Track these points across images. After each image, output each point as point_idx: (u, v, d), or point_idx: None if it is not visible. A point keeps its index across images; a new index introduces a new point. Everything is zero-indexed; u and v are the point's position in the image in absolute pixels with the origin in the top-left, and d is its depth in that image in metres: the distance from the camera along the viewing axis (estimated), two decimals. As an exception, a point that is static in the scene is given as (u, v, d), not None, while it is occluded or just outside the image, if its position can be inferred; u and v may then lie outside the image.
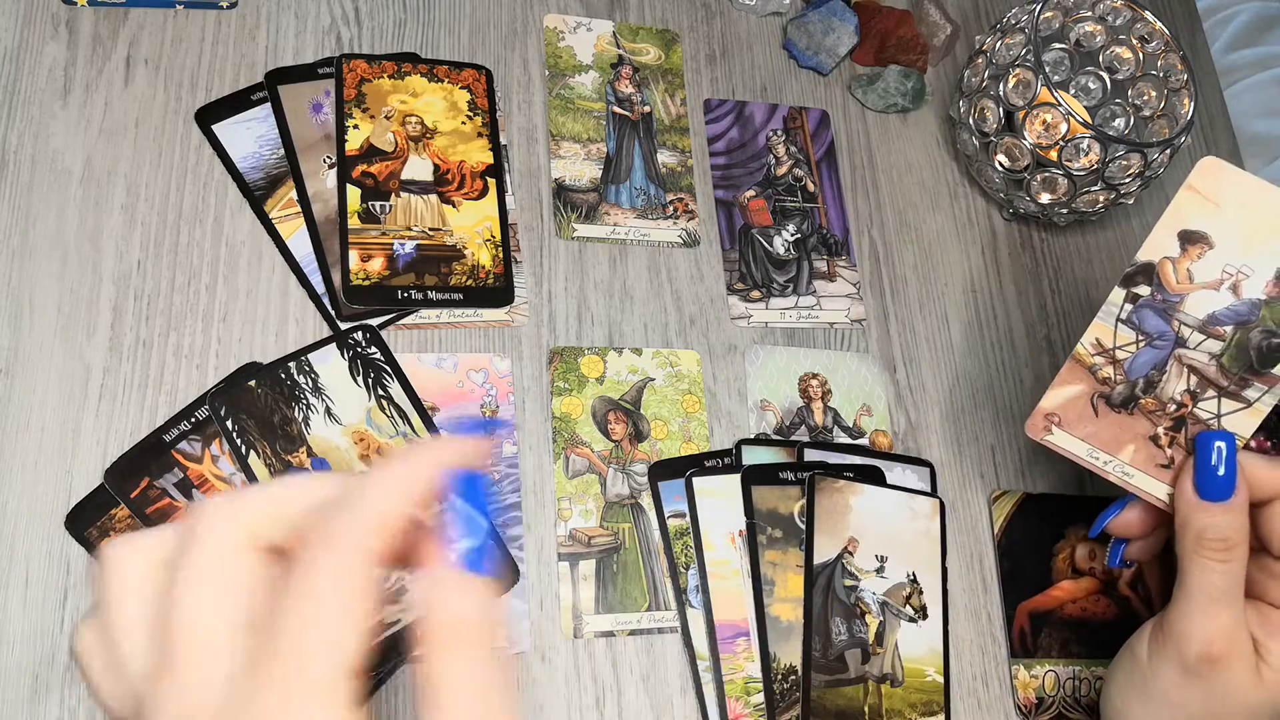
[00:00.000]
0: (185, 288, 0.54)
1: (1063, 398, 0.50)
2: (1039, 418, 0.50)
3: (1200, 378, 0.48)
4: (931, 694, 0.54)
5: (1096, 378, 0.49)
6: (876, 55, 0.70)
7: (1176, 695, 0.46)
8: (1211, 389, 0.48)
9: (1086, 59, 0.67)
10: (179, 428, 0.50)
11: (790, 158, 0.66)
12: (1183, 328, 0.48)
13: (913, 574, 0.56)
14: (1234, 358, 0.48)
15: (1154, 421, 0.49)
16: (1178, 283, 0.48)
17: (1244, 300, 0.47)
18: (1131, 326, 0.49)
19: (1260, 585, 0.47)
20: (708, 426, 0.58)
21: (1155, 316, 0.48)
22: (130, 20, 0.58)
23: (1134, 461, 0.49)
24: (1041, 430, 0.50)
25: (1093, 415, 0.49)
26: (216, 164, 0.56)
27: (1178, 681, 0.46)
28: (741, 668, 0.52)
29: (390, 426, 0.52)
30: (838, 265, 0.64)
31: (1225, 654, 0.45)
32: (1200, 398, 0.48)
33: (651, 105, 0.65)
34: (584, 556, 0.53)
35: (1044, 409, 0.50)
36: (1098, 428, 0.49)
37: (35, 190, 0.53)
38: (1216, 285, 0.48)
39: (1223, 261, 0.47)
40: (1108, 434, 0.49)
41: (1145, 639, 0.48)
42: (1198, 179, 0.47)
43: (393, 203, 0.56)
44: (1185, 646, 0.45)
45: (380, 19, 0.62)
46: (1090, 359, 0.49)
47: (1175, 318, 0.48)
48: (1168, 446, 0.48)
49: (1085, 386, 0.49)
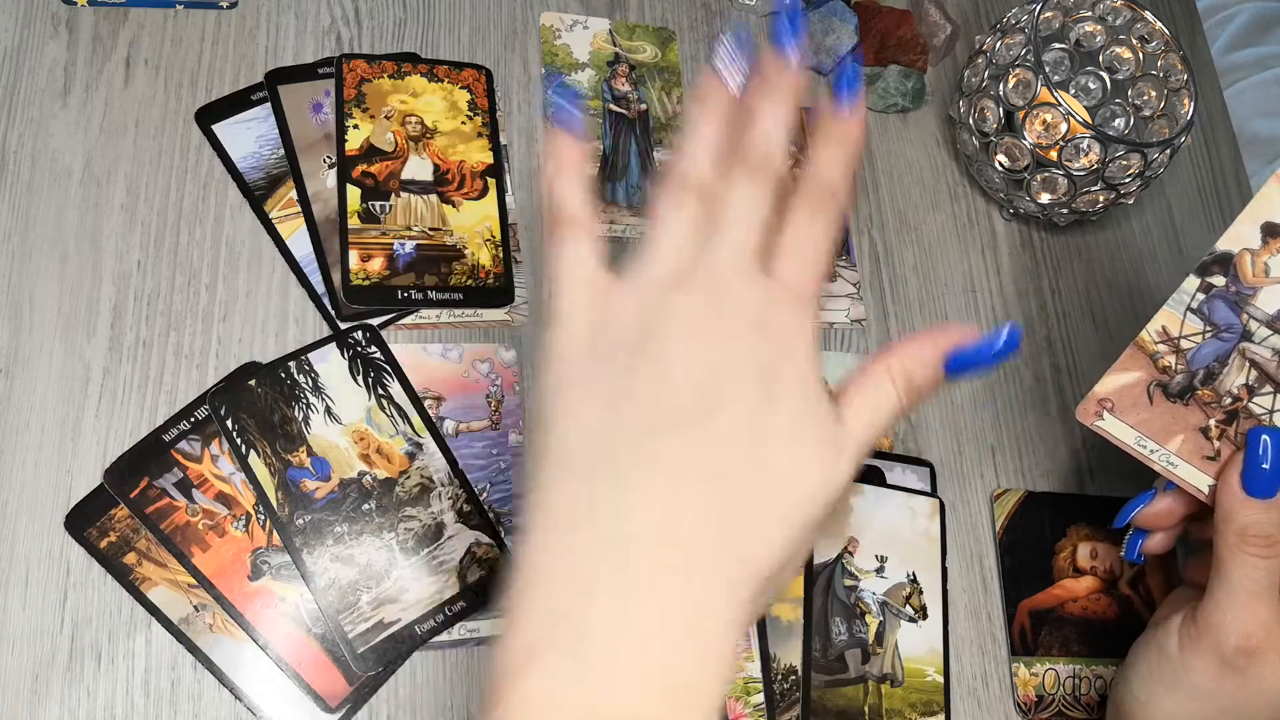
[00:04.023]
0: (185, 288, 0.54)
1: (1119, 383, 0.49)
2: (1092, 403, 0.49)
3: (1261, 373, 0.48)
4: (931, 694, 0.54)
5: (1156, 365, 0.49)
6: (876, 55, 0.70)
7: (1210, 686, 0.47)
8: (1270, 385, 0.48)
9: (1086, 59, 0.67)
10: (179, 427, 0.50)
11: (790, 158, 0.66)
12: (1251, 321, 0.47)
13: (913, 574, 0.56)
14: None
15: (1207, 414, 0.48)
16: (1254, 276, 0.47)
17: None
18: (1201, 316, 0.48)
19: None
20: (708, 426, 0.57)
21: (1226, 308, 0.48)
22: (130, 20, 0.58)
23: (1180, 452, 0.48)
24: (1093, 415, 0.49)
25: (1147, 403, 0.49)
26: (216, 164, 0.56)
27: (1213, 674, 0.46)
28: (741, 668, 0.52)
29: (390, 426, 0.52)
30: (838, 265, 0.64)
31: (1263, 647, 0.45)
32: (1257, 393, 0.48)
33: (648, 103, 0.65)
34: (584, 556, 0.53)
35: (1099, 394, 0.49)
36: (1150, 416, 0.49)
37: (35, 190, 0.53)
38: None
39: None
40: (1159, 423, 0.49)
41: (1174, 632, 0.48)
42: None
43: (393, 203, 0.56)
44: (1223, 639, 0.46)
45: (380, 19, 0.62)
46: (1154, 346, 0.48)
47: (1246, 311, 0.47)
48: (1217, 439, 0.48)
49: (1144, 374, 0.49)
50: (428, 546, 0.51)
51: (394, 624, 0.49)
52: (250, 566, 0.49)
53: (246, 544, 0.49)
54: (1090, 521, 0.61)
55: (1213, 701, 0.47)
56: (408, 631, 0.49)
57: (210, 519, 0.49)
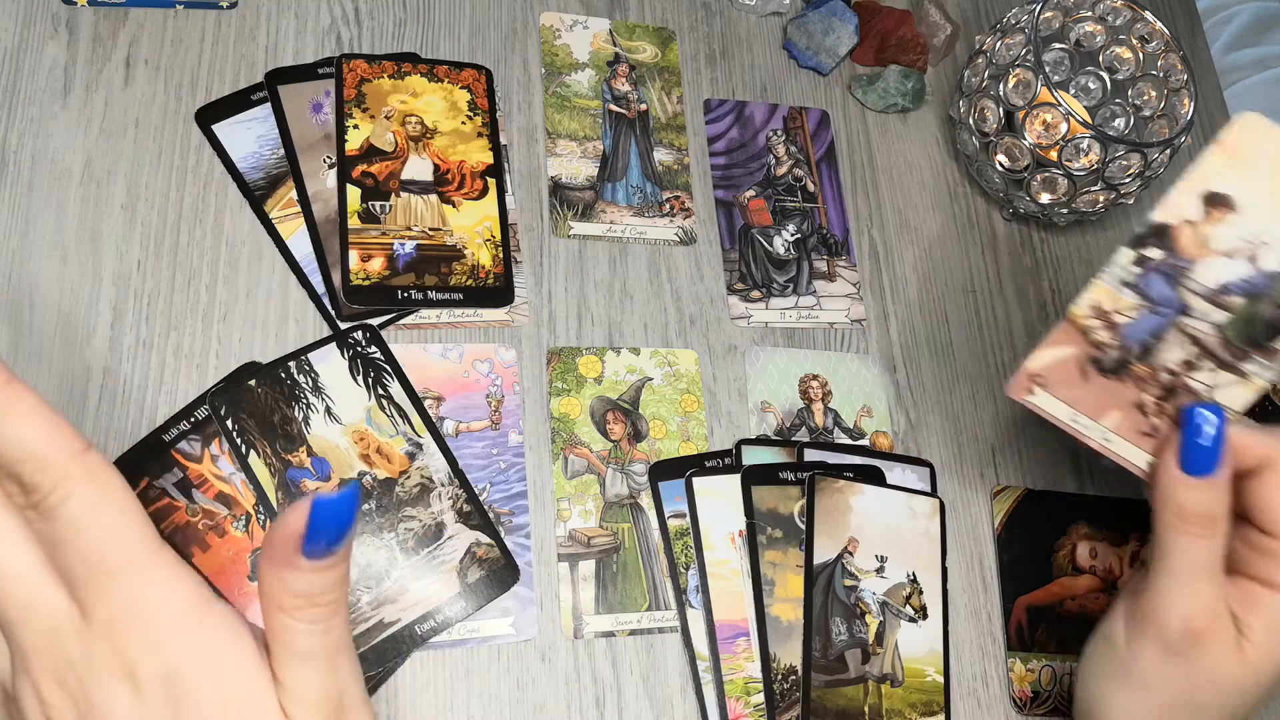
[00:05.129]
0: (185, 288, 0.54)
1: (1051, 359, 0.47)
2: (1023, 378, 0.48)
3: (1200, 348, 0.46)
4: (931, 694, 0.54)
5: (1089, 341, 0.47)
6: (876, 55, 0.70)
7: (1158, 677, 0.45)
8: (1209, 360, 0.46)
9: (1086, 59, 0.67)
10: (179, 427, 0.50)
11: (790, 158, 0.66)
12: (1190, 295, 0.46)
13: (913, 574, 0.56)
14: (1239, 330, 0.45)
15: (1143, 389, 0.47)
16: (1193, 248, 0.45)
17: (1260, 271, 0.45)
18: (1136, 291, 0.46)
19: (1241, 559, 0.45)
20: (706, 426, 0.58)
21: (1163, 282, 0.46)
22: (130, 20, 0.58)
23: (1116, 428, 0.47)
24: (1024, 391, 0.48)
25: (1080, 379, 0.47)
26: (216, 164, 0.56)
27: (1159, 663, 0.45)
28: (741, 668, 0.52)
29: (390, 426, 0.52)
30: (838, 265, 0.64)
31: (1207, 630, 0.44)
32: (1195, 368, 0.46)
33: (648, 103, 0.65)
34: (583, 557, 0.53)
35: (1029, 369, 0.48)
36: (1084, 392, 0.47)
37: (35, 190, 0.53)
38: (1233, 254, 0.45)
39: (1244, 229, 0.44)
40: (1093, 399, 0.47)
41: (1120, 622, 0.47)
42: (1232, 136, 0.44)
43: (393, 203, 0.56)
44: (1166, 624, 0.44)
45: (380, 19, 0.62)
46: (1086, 321, 0.47)
47: (1183, 285, 0.46)
48: (1154, 415, 0.46)
49: (1076, 349, 0.47)
50: (428, 546, 0.51)
51: (394, 624, 0.49)
52: (250, 566, 0.49)
53: (246, 544, 0.49)
54: (1090, 521, 0.61)
55: (1164, 692, 0.45)
56: (408, 631, 0.49)
57: (210, 519, 0.49)
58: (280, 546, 0.32)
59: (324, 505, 0.31)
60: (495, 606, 0.51)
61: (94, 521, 0.31)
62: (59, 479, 0.30)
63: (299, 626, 0.33)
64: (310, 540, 0.31)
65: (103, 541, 0.31)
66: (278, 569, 0.32)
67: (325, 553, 0.32)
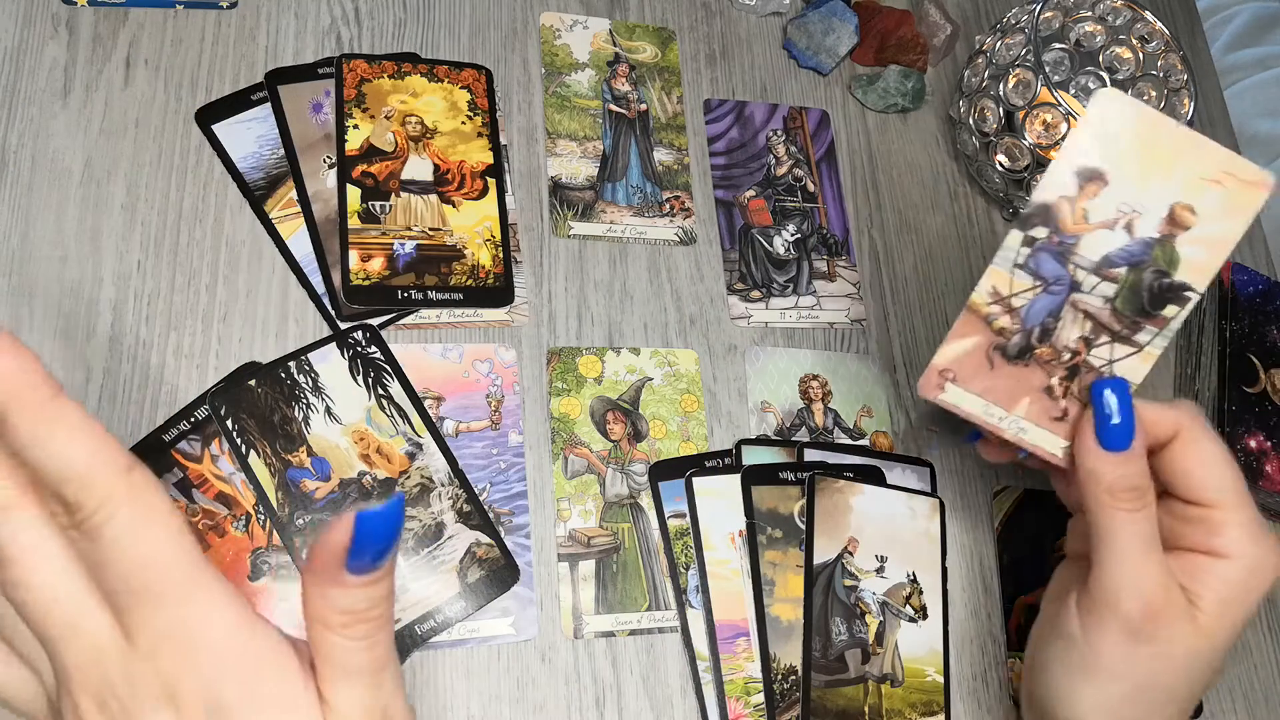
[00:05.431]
0: (185, 288, 0.54)
1: (958, 351, 0.47)
2: (933, 374, 0.47)
3: (1095, 323, 0.46)
4: (931, 694, 0.54)
5: (992, 328, 0.46)
6: (876, 55, 0.70)
7: (1123, 664, 0.44)
8: (1105, 334, 0.46)
9: (1086, 59, 0.67)
10: (179, 427, 0.50)
11: (790, 158, 0.66)
12: (1078, 271, 0.46)
13: (913, 574, 0.56)
14: (1127, 300, 0.45)
15: (1049, 372, 0.46)
16: (1074, 223, 0.45)
17: (1137, 240, 0.45)
18: (1029, 272, 0.46)
19: (1172, 531, 0.45)
20: (706, 426, 0.58)
21: (1052, 260, 0.46)
22: (130, 20, 0.58)
23: (1029, 415, 0.46)
24: (935, 389, 0.47)
25: (988, 369, 0.46)
26: (216, 164, 0.56)
27: (1123, 650, 0.44)
28: (741, 668, 0.52)
29: (390, 426, 0.52)
30: (838, 265, 0.64)
31: (1165, 608, 0.43)
32: (1094, 344, 0.46)
33: (648, 103, 0.65)
34: (583, 557, 0.53)
35: (938, 365, 0.47)
36: (994, 382, 0.46)
37: (35, 190, 0.53)
38: (1111, 225, 0.45)
39: (1118, 199, 0.45)
40: (1004, 388, 0.46)
41: (1073, 615, 0.46)
42: (1093, 112, 0.44)
43: (393, 203, 0.56)
44: (1126, 608, 0.43)
45: (380, 19, 0.62)
46: (986, 308, 0.46)
47: (1071, 261, 0.45)
48: (1062, 398, 0.46)
49: (981, 338, 0.47)
50: (428, 546, 0.51)
51: (394, 624, 0.49)
52: (250, 566, 0.49)
53: (246, 544, 0.49)
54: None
55: (1129, 679, 0.45)
56: (407, 631, 0.49)
57: (210, 519, 0.49)
58: (324, 562, 0.31)
59: (369, 518, 0.31)
60: (495, 606, 0.51)
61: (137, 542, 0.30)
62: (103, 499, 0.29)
63: (345, 644, 0.32)
64: (355, 555, 0.31)
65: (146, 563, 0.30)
66: (322, 586, 0.32)
67: (370, 568, 0.31)
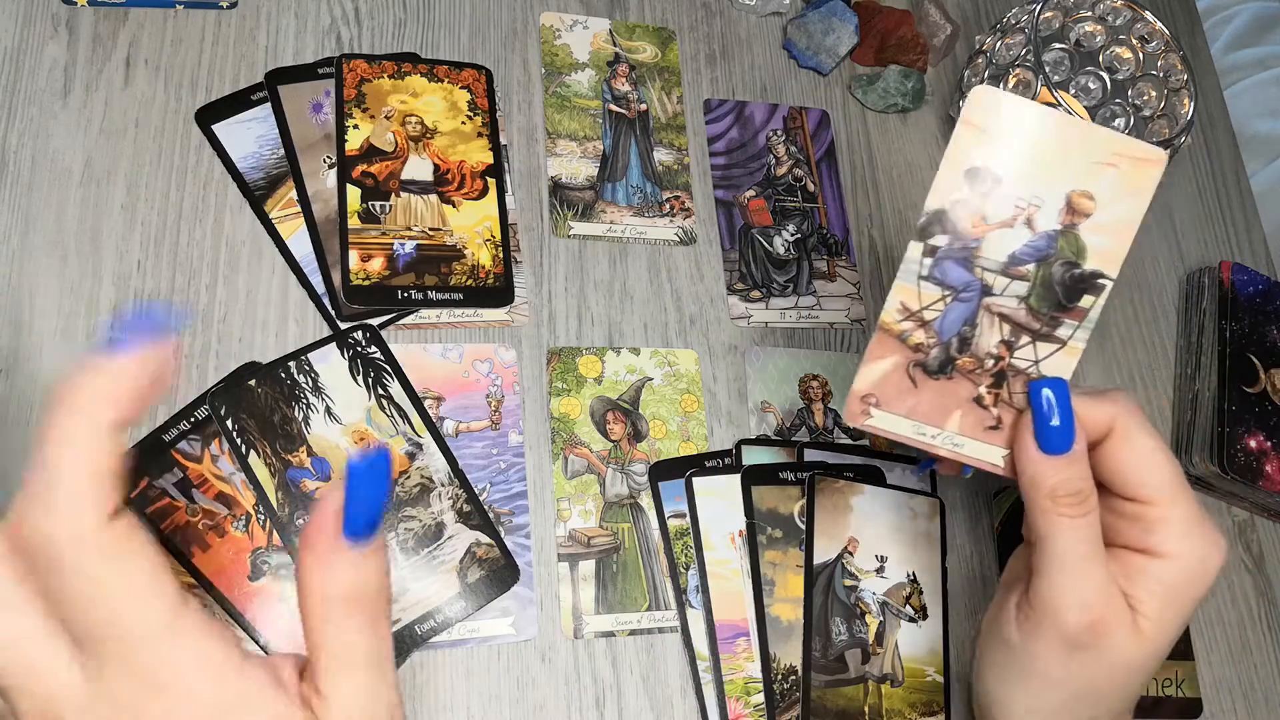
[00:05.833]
0: (185, 288, 0.54)
1: (877, 374, 0.45)
2: (854, 402, 0.45)
3: (1013, 324, 0.44)
4: (931, 694, 0.54)
5: (908, 345, 0.44)
6: (876, 55, 0.70)
7: (1061, 673, 0.43)
8: (1025, 334, 0.44)
9: (1086, 59, 0.67)
10: (178, 427, 0.50)
11: (790, 158, 0.66)
12: (986, 274, 0.44)
13: (913, 574, 0.56)
14: (1041, 297, 0.44)
15: (975, 381, 0.45)
16: (973, 226, 0.44)
17: (1040, 234, 0.44)
18: (935, 282, 0.44)
19: (1110, 527, 0.44)
20: (706, 426, 0.58)
21: (957, 267, 0.44)
22: (130, 20, 0.58)
23: (962, 429, 0.45)
24: (860, 415, 0.45)
25: (912, 387, 0.45)
26: (216, 164, 0.56)
27: (1061, 659, 0.43)
28: (741, 668, 0.52)
29: (390, 426, 0.52)
30: (838, 265, 0.64)
31: (1106, 618, 0.42)
32: (1016, 346, 0.45)
33: (648, 103, 0.65)
34: (583, 557, 0.53)
35: (858, 391, 0.45)
36: (920, 400, 0.45)
37: (35, 190, 0.53)
38: (1011, 222, 0.44)
39: (1014, 196, 0.44)
40: (930, 405, 0.45)
41: (1011, 620, 0.45)
42: (971, 111, 0.43)
43: (393, 203, 0.56)
44: (1065, 618, 0.42)
45: (380, 19, 0.62)
46: (898, 326, 0.44)
47: (977, 265, 0.44)
48: (993, 406, 0.45)
49: (899, 357, 0.44)
50: (428, 546, 0.51)
51: (394, 624, 0.49)
52: (250, 566, 0.49)
53: (246, 544, 0.49)
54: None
55: (1066, 687, 0.44)
56: (407, 631, 0.49)
57: (210, 519, 0.49)
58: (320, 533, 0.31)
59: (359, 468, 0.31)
60: (495, 606, 0.51)
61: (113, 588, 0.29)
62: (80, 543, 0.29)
63: (345, 634, 0.32)
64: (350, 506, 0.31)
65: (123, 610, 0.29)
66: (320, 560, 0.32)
67: (365, 532, 0.32)
